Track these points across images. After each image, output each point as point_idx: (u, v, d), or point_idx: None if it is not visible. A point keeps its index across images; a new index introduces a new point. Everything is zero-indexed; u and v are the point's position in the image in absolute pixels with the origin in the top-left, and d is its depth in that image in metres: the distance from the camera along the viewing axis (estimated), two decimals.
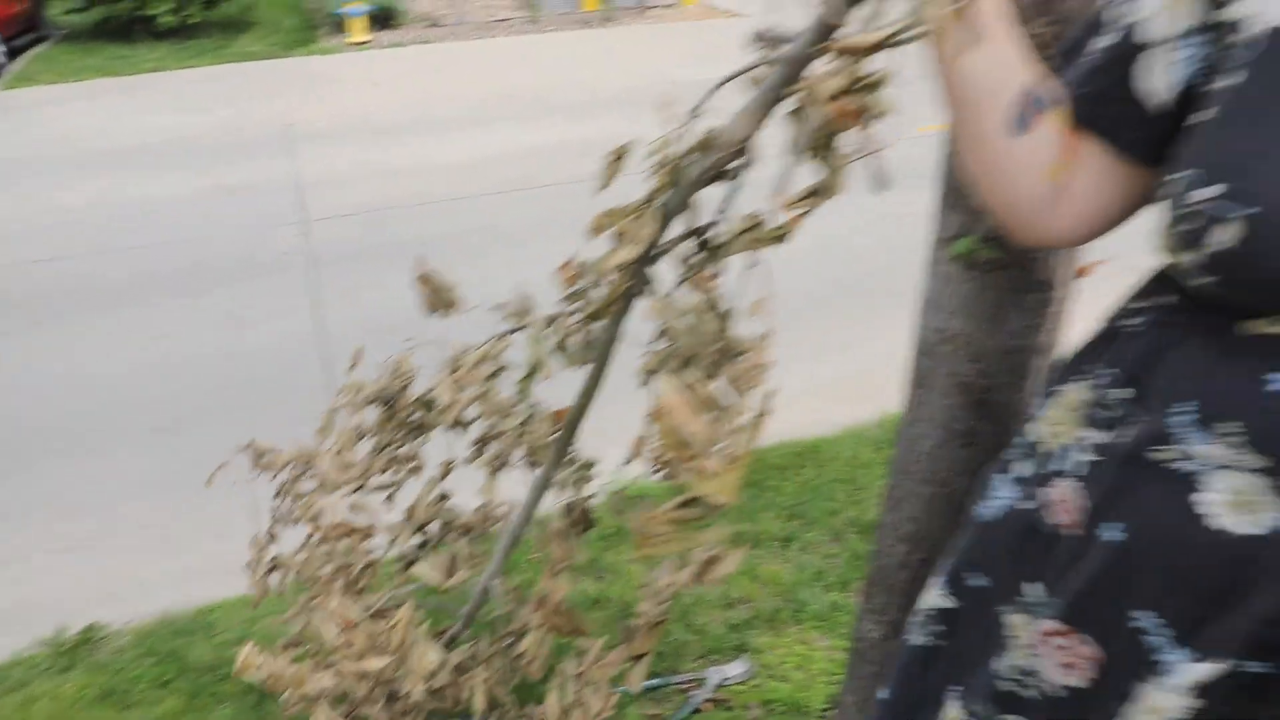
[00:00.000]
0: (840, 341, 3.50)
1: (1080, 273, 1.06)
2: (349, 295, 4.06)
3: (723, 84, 0.73)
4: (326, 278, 4.24)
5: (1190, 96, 0.69)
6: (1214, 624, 0.67)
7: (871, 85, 0.63)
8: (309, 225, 4.85)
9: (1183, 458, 0.68)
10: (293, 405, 2.86)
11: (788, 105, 0.70)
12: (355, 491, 1.41)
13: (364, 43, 10.27)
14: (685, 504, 0.71)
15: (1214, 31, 0.67)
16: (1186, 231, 0.64)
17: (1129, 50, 0.72)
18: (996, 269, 0.98)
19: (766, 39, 0.70)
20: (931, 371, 1.10)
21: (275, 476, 1.56)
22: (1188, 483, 0.68)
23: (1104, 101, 0.74)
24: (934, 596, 0.93)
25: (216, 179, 5.67)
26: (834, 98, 0.62)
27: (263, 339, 3.78)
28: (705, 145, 0.68)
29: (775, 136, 0.78)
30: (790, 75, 0.66)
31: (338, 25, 10.66)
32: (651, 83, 8.03)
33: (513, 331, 0.85)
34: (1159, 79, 0.70)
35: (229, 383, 3.48)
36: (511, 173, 5.56)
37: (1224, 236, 0.61)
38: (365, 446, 1.44)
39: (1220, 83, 0.66)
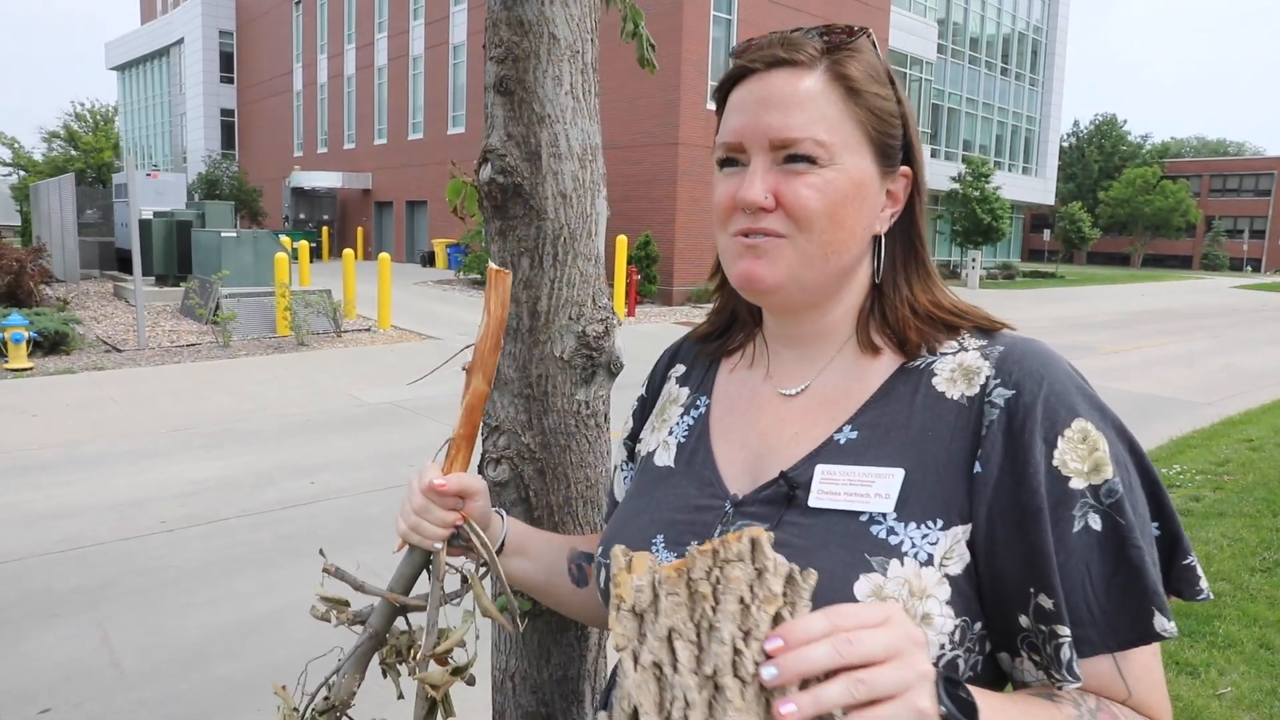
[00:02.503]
0: None
1: None
2: None
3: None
4: None
5: None
6: None
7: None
8: None
9: None
10: None
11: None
12: None
13: (25, 370, 9.65)
14: None
15: (633, 462, 1.09)
16: (596, 575, 1.00)
17: (612, 475, 1.13)
18: (534, 615, 1.32)
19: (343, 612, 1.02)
20: (503, 705, 1.38)
21: None
22: None
23: (610, 506, 1.13)
24: None
25: None
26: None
27: None
28: (331, 707, 0.95)
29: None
30: (373, 646, 0.97)
31: None
32: (343, 406, 8.33)
33: None
34: (620, 491, 1.11)
35: None
36: (189, 508, 5.39)
37: (602, 578, 0.96)
38: None
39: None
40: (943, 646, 0.76)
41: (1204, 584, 0.80)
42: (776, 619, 0.62)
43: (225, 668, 3.53)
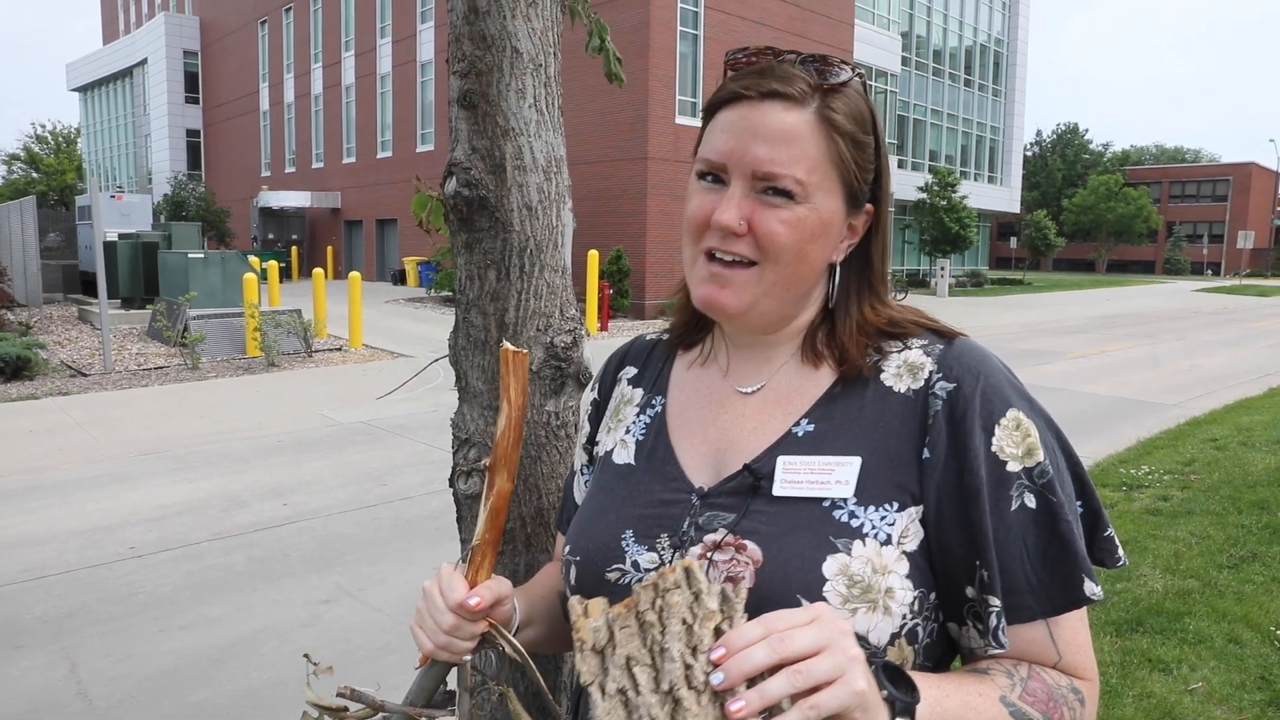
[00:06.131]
0: None
1: None
2: None
3: None
4: None
5: None
6: None
7: None
8: None
9: None
10: None
11: None
12: None
13: None
14: None
15: (593, 464, 1.10)
16: (564, 573, 1.00)
17: (570, 479, 1.14)
18: None
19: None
20: (480, 718, 1.38)
21: None
22: None
23: (565, 509, 1.14)
24: None
25: None
26: None
27: None
28: None
29: None
30: None
31: None
32: (315, 426, 8.24)
33: None
34: (579, 494, 1.11)
35: None
36: (159, 533, 5.30)
37: (571, 575, 0.97)
38: None
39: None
40: (904, 616, 0.82)
41: (1121, 552, 0.90)
42: (717, 632, 0.70)
43: (198, 694, 3.47)
